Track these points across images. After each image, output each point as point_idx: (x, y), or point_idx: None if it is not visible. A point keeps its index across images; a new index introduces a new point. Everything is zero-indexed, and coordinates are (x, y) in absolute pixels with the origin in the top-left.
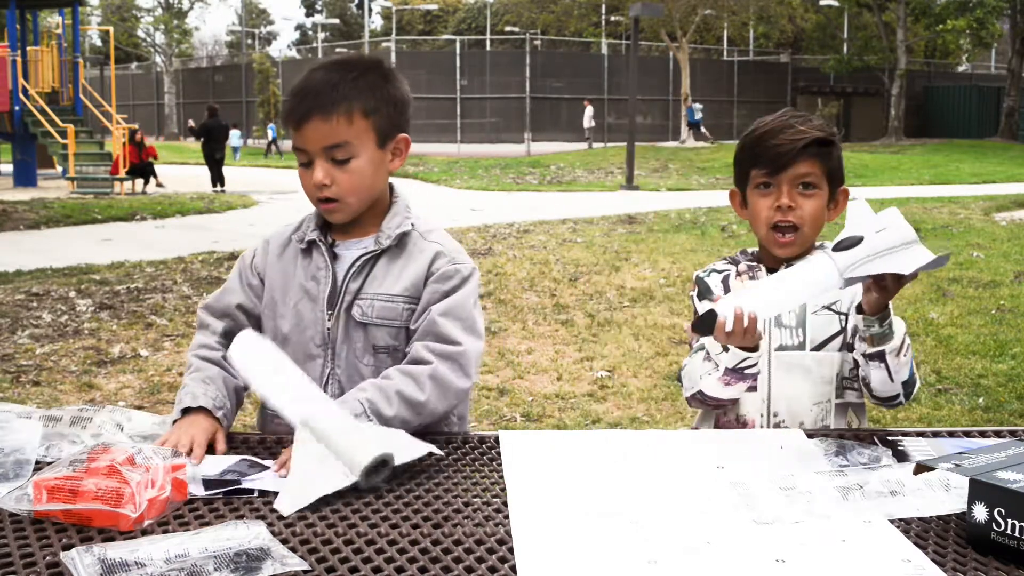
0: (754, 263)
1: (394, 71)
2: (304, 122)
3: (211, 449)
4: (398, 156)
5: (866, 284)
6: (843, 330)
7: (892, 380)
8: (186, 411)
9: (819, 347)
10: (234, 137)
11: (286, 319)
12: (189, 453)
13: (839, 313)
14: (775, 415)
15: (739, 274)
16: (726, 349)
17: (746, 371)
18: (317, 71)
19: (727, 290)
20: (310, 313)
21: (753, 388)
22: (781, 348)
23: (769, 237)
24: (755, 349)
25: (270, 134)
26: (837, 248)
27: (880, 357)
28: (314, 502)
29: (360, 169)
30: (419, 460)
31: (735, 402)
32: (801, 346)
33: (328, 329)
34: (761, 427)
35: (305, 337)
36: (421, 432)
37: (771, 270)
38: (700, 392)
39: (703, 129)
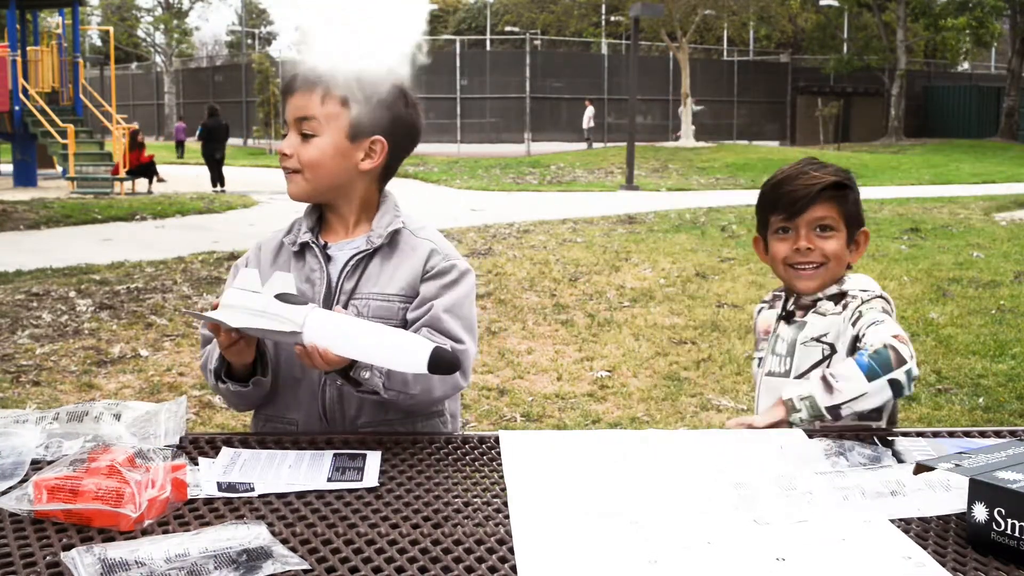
0: (779, 294)
1: (407, 89)
2: (288, 95)
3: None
4: (371, 157)
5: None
6: (825, 359)
7: (866, 409)
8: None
9: (802, 375)
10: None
11: None
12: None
13: (825, 344)
14: None
15: (764, 302)
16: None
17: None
18: None
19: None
20: None
21: None
22: (770, 374)
23: (788, 273)
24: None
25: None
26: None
27: (838, 416)
28: (315, 504)
29: (321, 147)
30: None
31: None
32: (787, 374)
33: None
34: None
35: None
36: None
37: (794, 307)
38: None
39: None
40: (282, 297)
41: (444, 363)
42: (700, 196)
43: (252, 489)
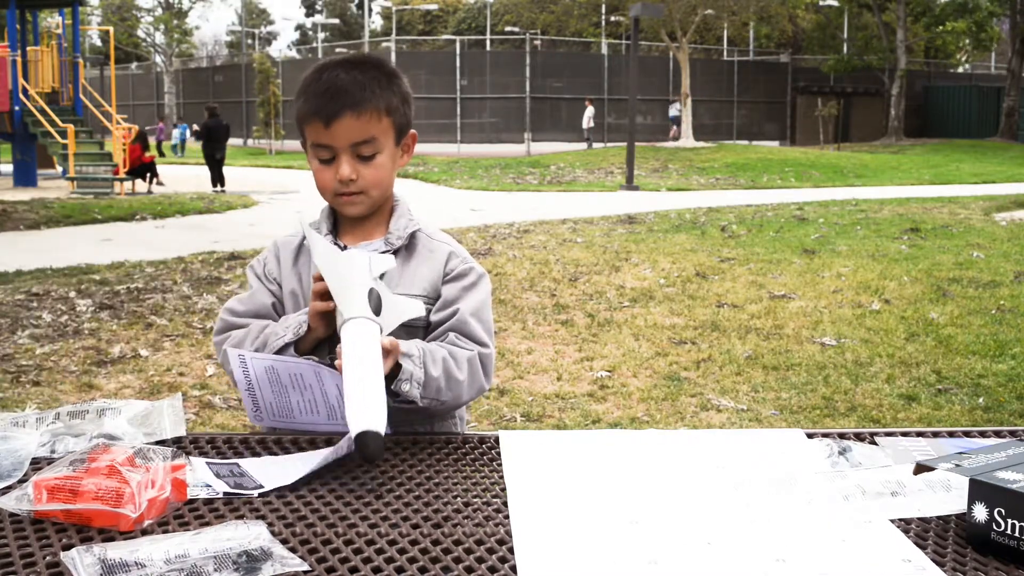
0: None
1: (396, 68)
2: (335, 119)
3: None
4: (407, 152)
5: None
6: None
7: None
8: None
9: None
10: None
11: None
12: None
13: None
14: None
15: None
16: None
17: None
18: (334, 70)
19: None
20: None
21: None
22: None
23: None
24: None
25: (176, 133)
26: None
27: None
28: (315, 504)
29: (384, 164)
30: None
31: None
32: None
33: None
34: None
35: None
36: (420, 431)
37: None
38: None
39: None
40: (371, 293)
41: (365, 448)
42: (700, 196)
43: (251, 488)
